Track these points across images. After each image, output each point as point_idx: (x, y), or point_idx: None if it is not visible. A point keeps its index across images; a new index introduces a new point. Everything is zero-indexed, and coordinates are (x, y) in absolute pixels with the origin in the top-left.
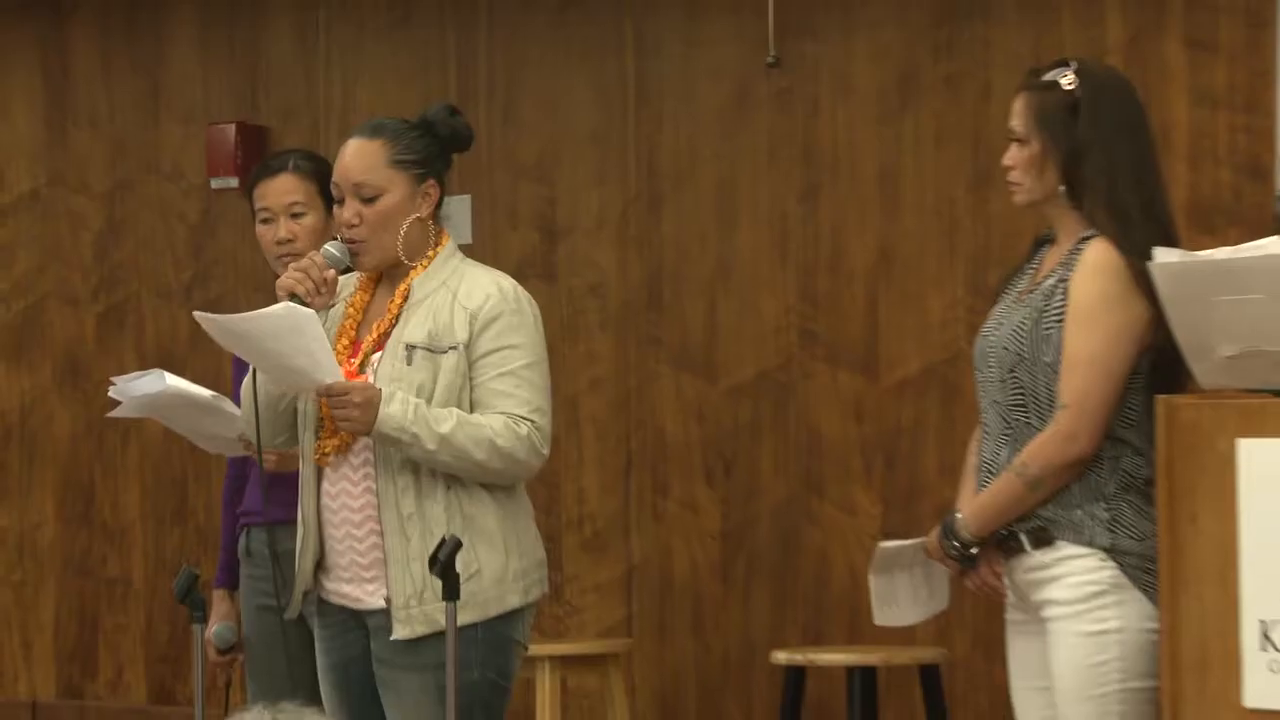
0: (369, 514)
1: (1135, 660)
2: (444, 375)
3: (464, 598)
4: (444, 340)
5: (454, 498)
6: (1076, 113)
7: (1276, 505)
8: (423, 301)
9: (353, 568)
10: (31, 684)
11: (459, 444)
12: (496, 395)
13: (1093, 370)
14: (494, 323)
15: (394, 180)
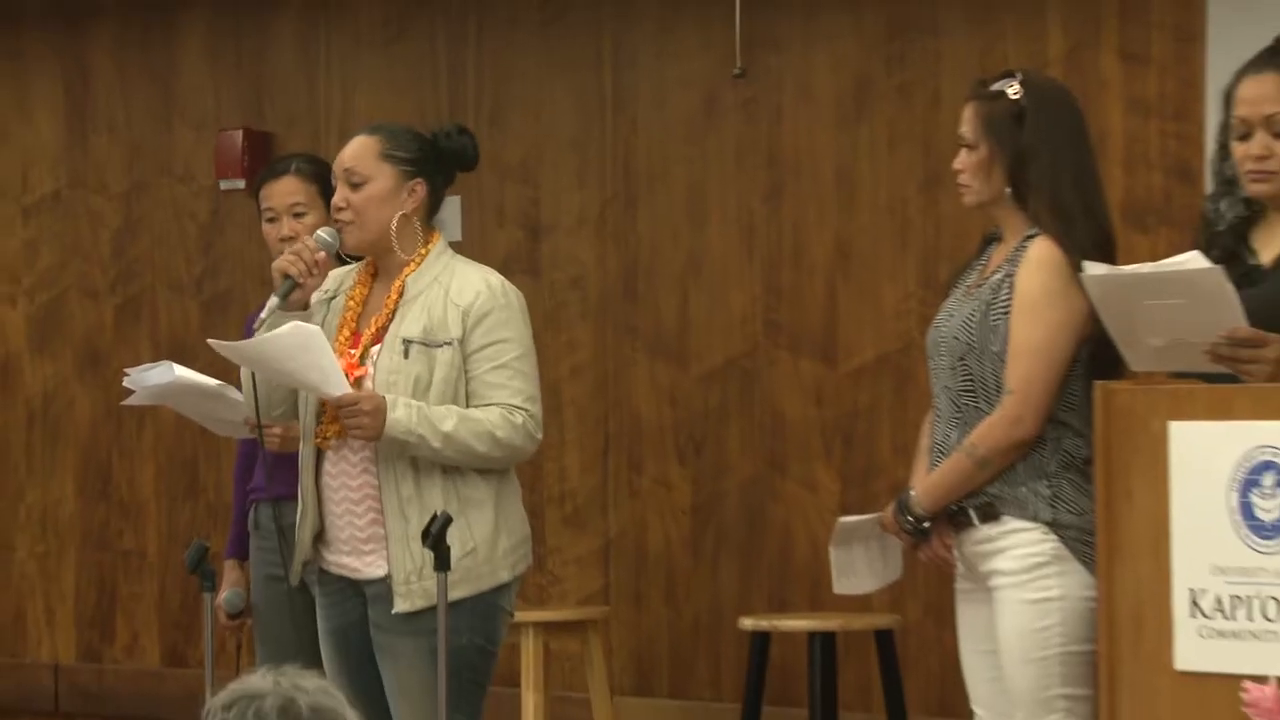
0: (367, 493)
1: (1075, 626)
2: (440, 369)
3: (460, 573)
4: (439, 335)
5: (450, 481)
6: (1021, 120)
7: (1204, 482)
8: (417, 298)
9: (351, 541)
10: (54, 648)
11: (461, 440)
12: (491, 387)
13: (1036, 359)
14: (485, 318)
15: (381, 171)
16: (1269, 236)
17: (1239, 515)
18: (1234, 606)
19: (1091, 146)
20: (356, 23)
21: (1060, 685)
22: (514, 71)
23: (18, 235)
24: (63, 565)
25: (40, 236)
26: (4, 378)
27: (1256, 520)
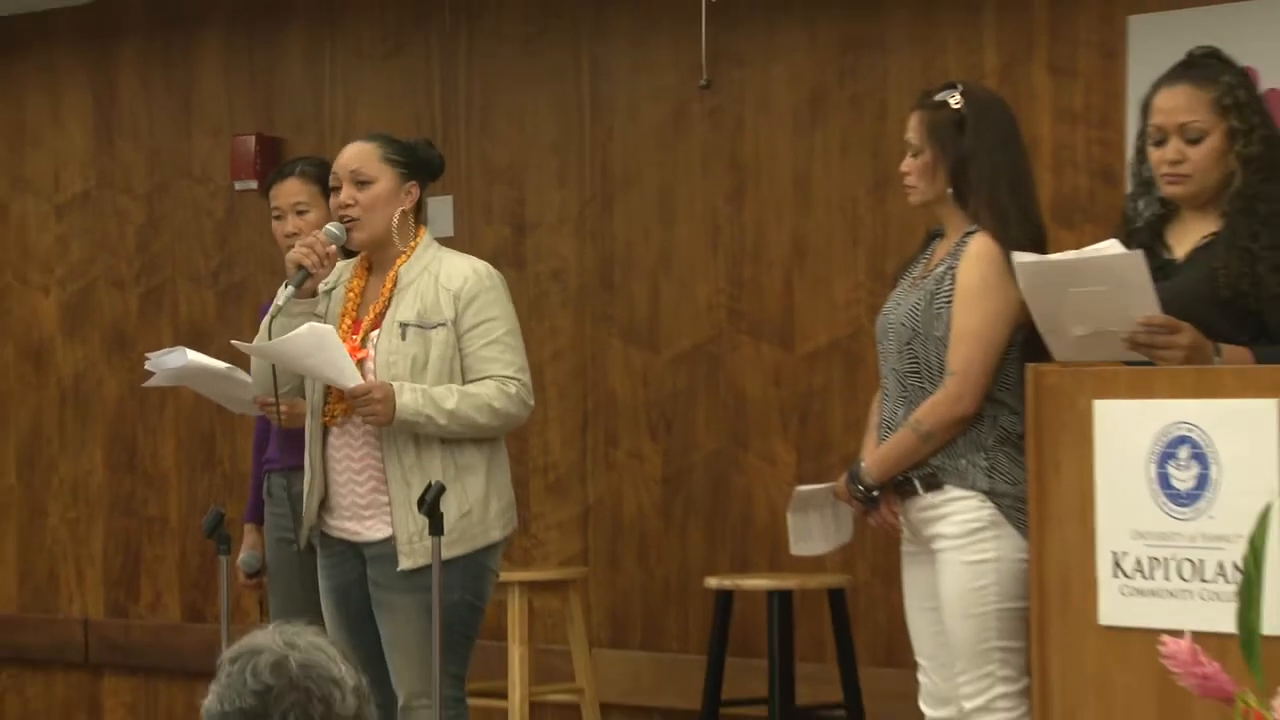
0: (369, 463)
1: (1009, 585)
2: (435, 348)
3: (457, 533)
4: (432, 318)
5: (447, 450)
6: (962, 127)
7: (1126, 455)
8: (409, 285)
9: (353, 508)
10: (84, 605)
11: (464, 415)
12: (484, 361)
13: (976, 343)
14: (475, 300)
15: (384, 172)
16: (1182, 234)
17: (1157, 485)
18: (1152, 567)
19: (1025, 151)
20: (358, 39)
21: (996, 638)
22: (500, 83)
23: (50, 231)
24: (92, 530)
25: (71, 232)
26: (38, 360)
27: (1173, 489)
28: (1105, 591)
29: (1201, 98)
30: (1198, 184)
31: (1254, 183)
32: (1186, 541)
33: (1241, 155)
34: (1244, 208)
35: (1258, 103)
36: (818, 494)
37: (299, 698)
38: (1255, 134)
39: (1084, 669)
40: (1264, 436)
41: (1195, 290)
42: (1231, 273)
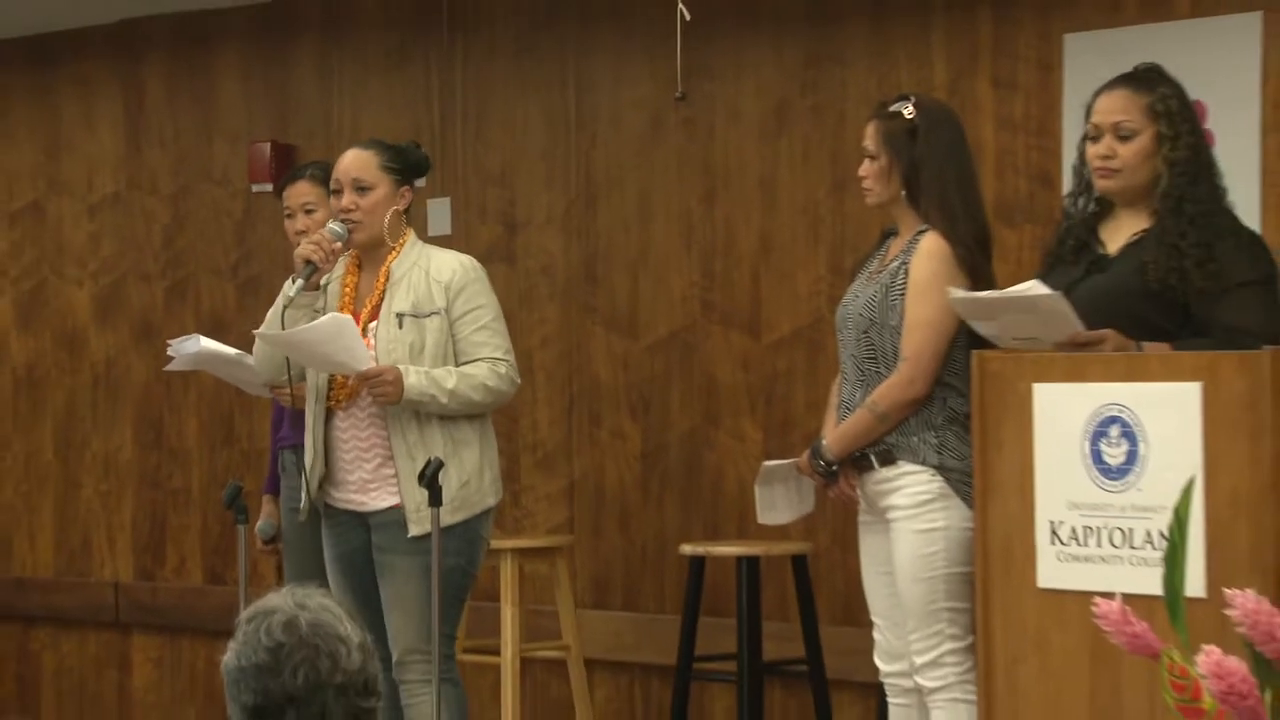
0: (375, 441)
1: (957, 551)
2: (430, 335)
3: (458, 501)
4: (425, 307)
5: (445, 427)
6: (915, 135)
7: (1062, 433)
8: (402, 279)
9: (359, 482)
10: (115, 569)
11: (462, 393)
12: (476, 345)
13: (927, 332)
14: (464, 290)
15: (382, 180)
16: (1115, 230)
17: (1090, 460)
18: (1086, 535)
19: (971, 157)
20: (364, 53)
21: (945, 600)
22: (493, 94)
23: (84, 229)
24: (122, 501)
25: (103, 230)
26: (72, 347)
27: (1105, 464)
28: (1043, 557)
29: (1136, 101)
30: (1125, 179)
31: (1181, 184)
32: (1117, 512)
33: (1168, 158)
34: (1173, 208)
35: (1188, 113)
36: (782, 468)
37: (308, 654)
38: (1182, 140)
39: (1024, 628)
40: (1188, 416)
41: (1126, 282)
42: (1160, 267)
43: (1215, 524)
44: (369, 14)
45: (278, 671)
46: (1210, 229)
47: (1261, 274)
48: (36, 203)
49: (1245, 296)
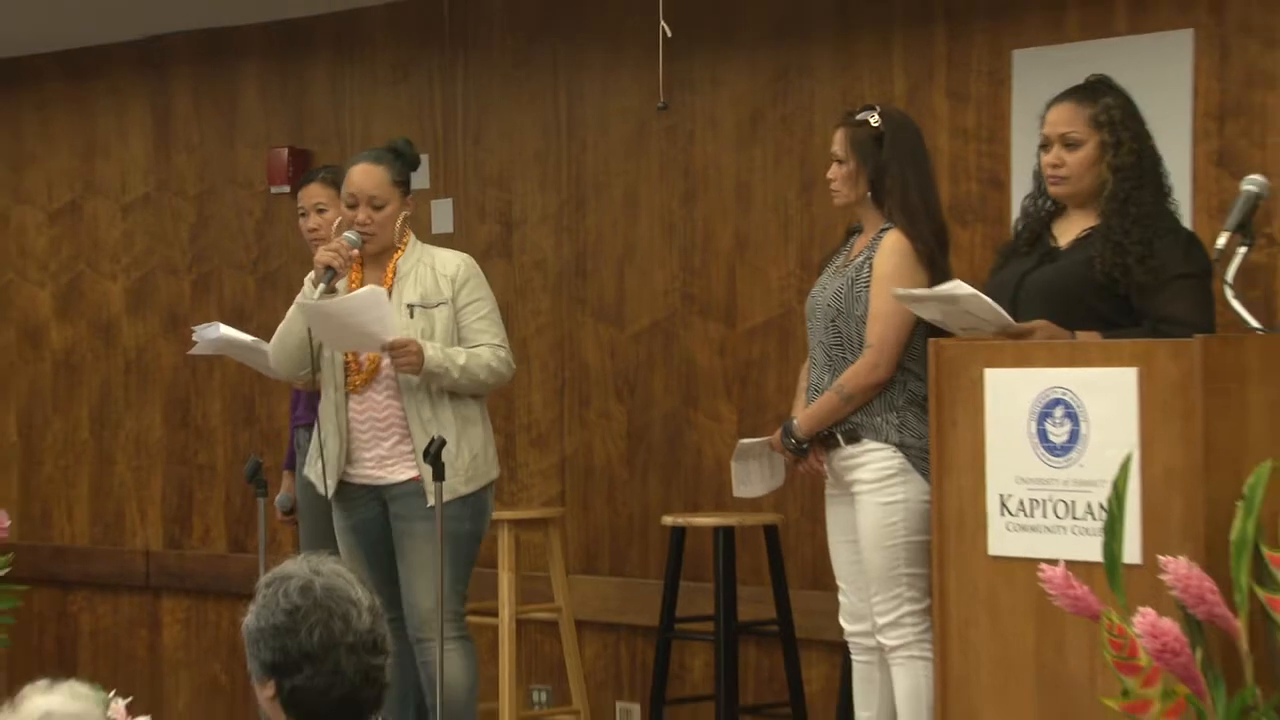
0: (391, 421)
1: (916, 522)
2: (439, 324)
3: (470, 472)
4: (433, 298)
5: (454, 407)
6: (880, 142)
7: (1010, 414)
8: (408, 274)
9: (376, 458)
10: (145, 538)
11: (471, 370)
12: (478, 332)
13: (889, 321)
14: (466, 284)
15: (393, 196)
16: (1066, 227)
17: (1036, 439)
18: (1032, 507)
19: (930, 162)
20: (373, 67)
21: (904, 566)
22: (491, 104)
23: (118, 227)
24: (152, 476)
25: (135, 228)
26: (107, 335)
27: (1049, 443)
28: (994, 527)
29: (1081, 113)
30: (1073, 185)
31: (1125, 188)
32: (1061, 486)
33: (1112, 164)
34: (1118, 209)
35: (1133, 121)
36: (756, 446)
37: (322, 615)
38: (1125, 147)
39: (976, 591)
40: (1125, 399)
41: (1075, 272)
42: (1106, 262)
43: (1150, 497)
44: (377, 31)
45: (295, 631)
46: (1152, 228)
47: (1197, 269)
48: (74, 203)
49: (1182, 289)
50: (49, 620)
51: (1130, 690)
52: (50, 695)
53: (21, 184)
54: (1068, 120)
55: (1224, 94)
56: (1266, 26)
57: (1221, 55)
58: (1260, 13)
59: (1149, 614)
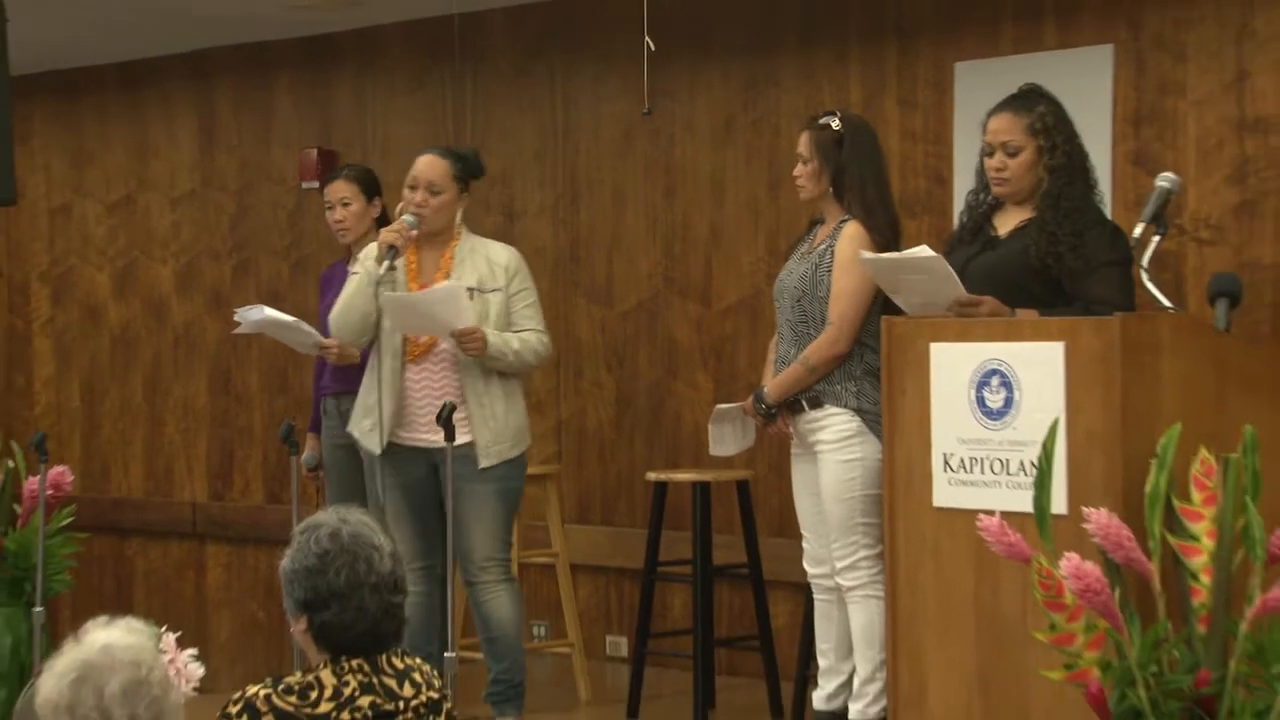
0: (446, 390)
1: (870, 477)
2: (493, 307)
3: (514, 439)
4: (489, 284)
5: (502, 383)
6: (840, 143)
7: (953, 383)
8: (464, 261)
9: (429, 423)
10: (192, 491)
11: (523, 354)
12: (524, 319)
13: (849, 301)
14: (517, 274)
15: (450, 185)
16: (1006, 219)
17: (975, 404)
18: (971, 464)
19: (885, 161)
20: (392, 77)
21: (860, 516)
22: (495, 110)
23: (167, 218)
24: (198, 437)
25: (182, 219)
26: (159, 313)
27: (987, 408)
28: (938, 482)
29: (1018, 123)
30: (1014, 186)
31: (1058, 185)
32: (996, 446)
33: (1047, 165)
34: (1052, 204)
35: (1064, 125)
36: (730, 411)
37: (348, 559)
38: (1059, 150)
39: (922, 538)
40: (1053, 370)
41: (1013, 259)
42: (1040, 250)
43: (1075, 456)
44: (395, 46)
45: (324, 573)
46: (1082, 220)
47: (1121, 256)
48: (129, 197)
49: (1109, 275)
50: (108, 564)
51: (1057, 625)
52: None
53: (83, 180)
54: (1007, 129)
55: (1140, 102)
56: (1177, 42)
57: (1138, 68)
58: (1172, 30)
59: (1073, 558)
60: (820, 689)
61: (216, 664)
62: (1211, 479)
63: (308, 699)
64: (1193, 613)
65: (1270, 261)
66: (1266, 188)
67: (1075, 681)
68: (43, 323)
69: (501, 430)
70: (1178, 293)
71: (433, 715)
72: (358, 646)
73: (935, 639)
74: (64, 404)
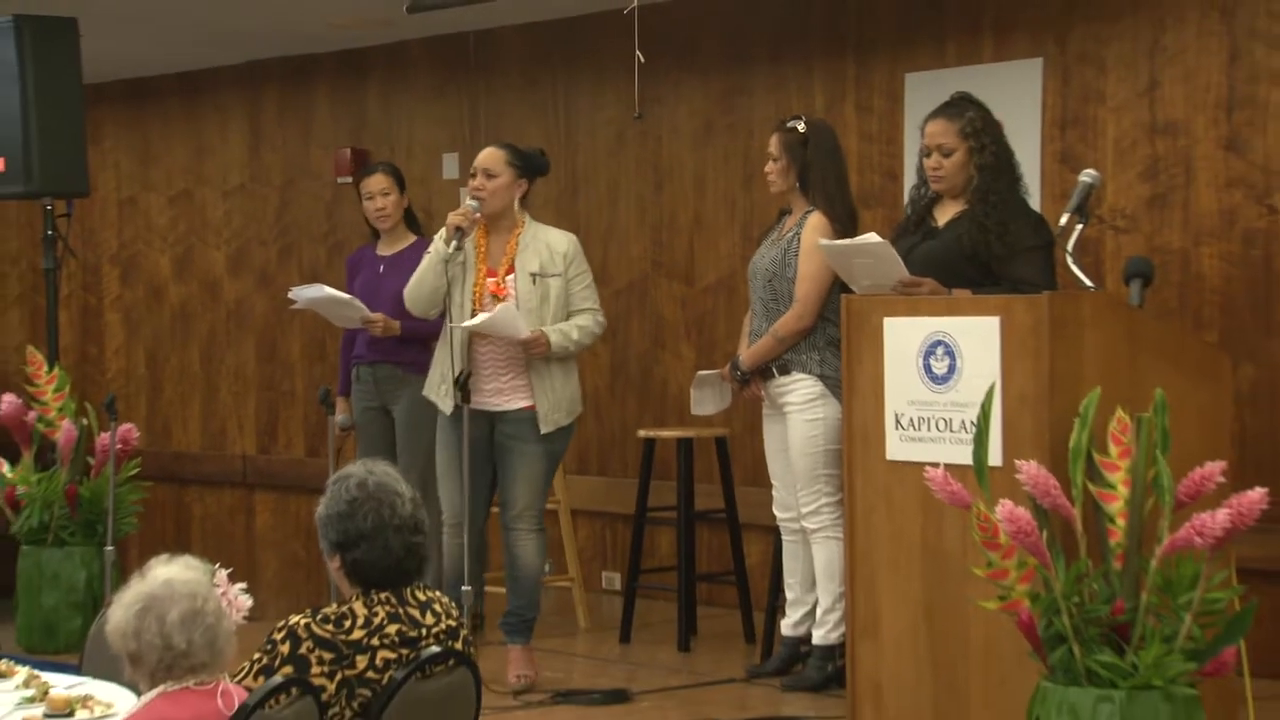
0: (510, 361)
1: (832, 434)
2: (553, 290)
3: (569, 408)
4: (550, 269)
5: (559, 359)
6: (806, 144)
7: (903, 352)
8: (528, 246)
9: (494, 388)
10: (242, 445)
11: (580, 339)
12: (582, 299)
13: (813, 282)
14: (575, 260)
15: (505, 171)
16: (944, 210)
17: (923, 371)
18: (920, 423)
19: (844, 159)
20: (416, 86)
21: (824, 468)
22: (506, 115)
23: (220, 209)
24: (247, 399)
25: (233, 209)
26: (213, 292)
27: (933, 374)
28: (890, 439)
29: (951, 127)
30: (949, 182)
31: (987, 181)
32: (941, 407)
33: (977, 164)
34: (981, 197)
35: (992, 128)
36: (710, 377)
37: (374, 505)
38: (987, 150)
39: (876, 487)
40: (990, 340)
41: (950, 246)
42: (971, 238)
43: (1009, 415)
44: (419, 59)
45: (353, 517)
46: (1007, 211)
47: (1043, 241)
48: (187, 190)
49: (1031, 258)
50: (169, 509)
51: (993, 562)
52: (170, 567)
53: (148, 176)
54: (942, 133)
55: (1065, 108)
56: (1098, 57)
57: (1064, 79)
58: (1093, 47)
59: (1007, 504)
60: (788, 618)
61: (263, 596)
62: (1126, 435)
63: (342, 627)
64: (1110, 551)
65: (1177, 247)
66: (1174, 183)
67: (1008, 611)
68: (112, 300)
69: (559, 400)
70: (1098, 274)
71: (450, 640)
72: (385, 580)
73: (887, 574)
74: (131, 370)
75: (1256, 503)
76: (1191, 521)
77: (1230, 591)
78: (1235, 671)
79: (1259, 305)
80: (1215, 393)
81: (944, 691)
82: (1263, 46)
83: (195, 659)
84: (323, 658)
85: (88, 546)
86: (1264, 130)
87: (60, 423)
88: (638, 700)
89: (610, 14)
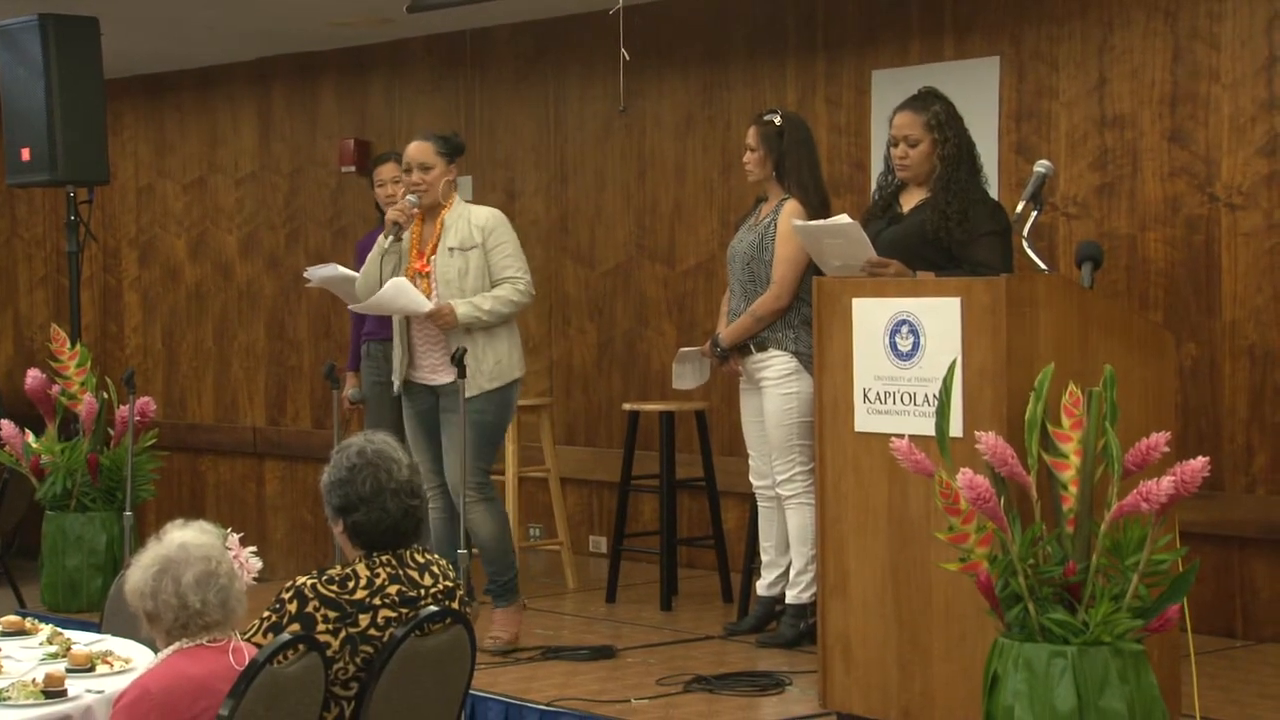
0: (439, 339)
1: (805, 407)
2: (472, 262)
3: (493, 374)
4: (468, 243)
5: (485, 328)
6: (782, 135)
7: (871, 331)
8: (452, 226)
9: (431, 365)
10: (253, 417)
11: (495, 309)
12: (501, 269)
13: (788, 265)
14: (493, 231)
15: (438, 161)
16: (909, 198)
17: (889, 348)
18: (886, 397)
19: (816, 149)
20: (416, 80)
21: (797, 439)
22: (500, 107)
23: (232, 195)
24: (258, 374)
25: (245, 196)
26: (225, 273)
27: (898, 351)
28: (859, 411)
29: (917, 120)
30: (914, 171)
31: (949, 170)
32: (906, 382)
33: (940, 155)
34: (943, 186)
35: (954, 121)
36: (691, 353)
37: (372, 471)
38: (949, 141)
39: (846, 457)
40: (951, 320)
41: (913, 231)
42: (933, 224)
43: (969, 389)
44: (419, 56)
45: (353, 482)
46: (966, 199)
47: (1000, 227)
48: (201, 178)
49: (989, 243)
50: (184, 476)
51: (954, 526)
52: (185, 530)
53: (164, 164)
54: (908, 125)
55: (1020, 103)
56: (1051, 55)
57: (1019, 75)
58: (1047, 45)
59: (967, 473)
60: (763, 579)
61: (273, 559)
62: (1078, 408)
63: (346, 587)
64: (1062, 516)
65: (1125, 232)
66: (1122, 172)
67: (968, 572)
68: (131, 280)
69: (480, 366)
70: (1051, 257)
71: (447, 600)
72: (384, 542)
73: (856, 538)
74: (149, 346)
75: (1198, 471)
76: (1138, 488)
77: (1174, 553)
78: (1179, 628)
79: (1200, 287)
80: (1160, 368)
81: (908, 647)
82: (1203, 46)
83: (209, 618)
84: (328, 616)
85: (108, 512)
86: (1205, 124)
87: (82, 396)
88: (623, 656)
89: (597, 14)
